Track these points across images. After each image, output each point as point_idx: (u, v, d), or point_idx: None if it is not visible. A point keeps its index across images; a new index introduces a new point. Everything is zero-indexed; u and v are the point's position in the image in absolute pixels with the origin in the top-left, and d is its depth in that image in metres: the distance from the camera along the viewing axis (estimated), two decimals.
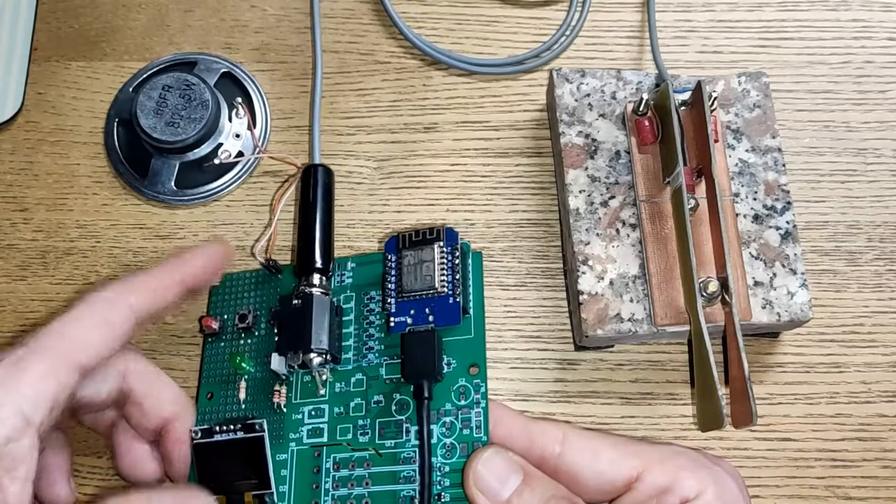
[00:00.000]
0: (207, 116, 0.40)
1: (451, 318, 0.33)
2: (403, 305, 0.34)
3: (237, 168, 0.41)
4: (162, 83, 0.40)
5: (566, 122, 0.39)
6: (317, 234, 0.36)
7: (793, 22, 0.44)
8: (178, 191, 0.41)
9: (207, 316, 0.37)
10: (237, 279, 0.38)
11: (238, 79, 0.43)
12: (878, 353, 0.39)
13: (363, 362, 0.34)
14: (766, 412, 0.38)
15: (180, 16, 0.45)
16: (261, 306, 0.36)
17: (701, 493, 0.29)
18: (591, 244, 0.37)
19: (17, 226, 0.41)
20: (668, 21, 0.44)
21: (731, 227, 0.36)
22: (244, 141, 0.41)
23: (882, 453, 0.37)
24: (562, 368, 0.39)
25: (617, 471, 0.30)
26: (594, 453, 0.30)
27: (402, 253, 0.35)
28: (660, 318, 0.35)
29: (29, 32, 0.44)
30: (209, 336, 0.37)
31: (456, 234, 0.35)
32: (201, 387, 0.36)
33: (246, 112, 0.41)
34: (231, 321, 0.37)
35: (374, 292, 0.36)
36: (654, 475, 0.29)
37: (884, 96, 0.42)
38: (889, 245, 0.40)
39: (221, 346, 0.36)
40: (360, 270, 0.36)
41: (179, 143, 0.39)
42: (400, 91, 0.43)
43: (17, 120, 0.43)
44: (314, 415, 0.34)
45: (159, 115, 0.39)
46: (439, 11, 0.45)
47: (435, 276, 0.34)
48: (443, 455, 0.32)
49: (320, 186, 0.37)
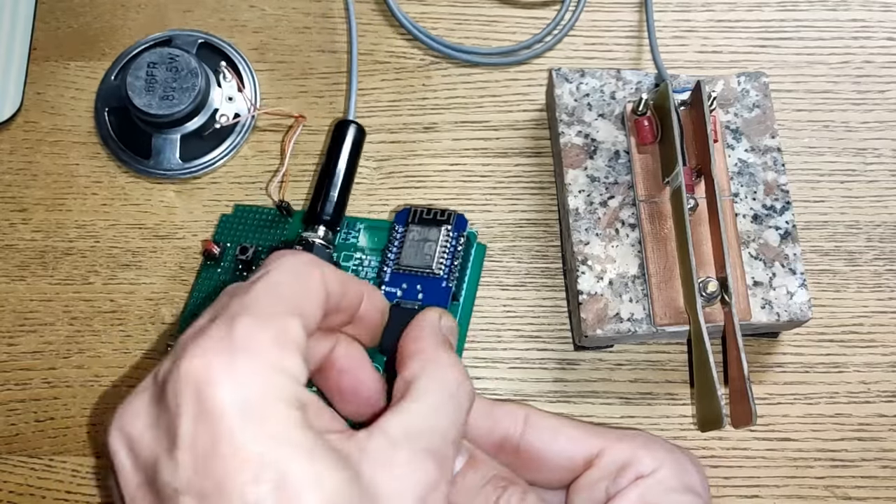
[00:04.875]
0: (199, 83, 0.40)
1: (440, 301, 0.34)
2: (397, 277, 0.35)
3: (237, 130, 0.42)
4: (146, 61, 0.40)
5: (565, 121, 0.39)
6: (334, 187, 0.37)
7: (792, 22, 0.44)
8: (184, 163, 0.41)
9: (211, 240, 0.38)
10: (249, 212, 0.38)
11: (216, 47, 0.44)
12: (878, 353, 0.39)
13: None
14: (765, 412, 0.38)
15: (179, 16, 0.45)
16: (264, 244, 0.37)
17: (656, 471, 0.29)
18: (590, 244, 0.37)
19: (16, 226, 0.41)
20: (668, 21, 0.44)
21: (731, 227, 0.36)
22: (237, 103, 0.42)
23: (881, 453, 0.37)
24: (561, 368, 0.39)
25: (576, 448, 0.30)
26: (554, 432, 0.30)
27: (410, 227, 0.35)
28: (659, 317, 0.35)
29: (28, 32, 0.44)
30: (208, 260, 0.38)
31: (466, 223, 0.35)
32: (188, 306, 0.37)
33: (233, 75, 0.42)
34: (232, 251, 0.37)
35: (375, 258, 0.36)
36: (613, 453, 0.29)
37: (883, 96, 0.42)
38: (888, 245, 0.40)
39: (217, 273, 0.37)
40: (369, 234, 0.37)
41: (178, 114, 0.40)
42: (399, 91, 0.43)
43: (16, 120, 0.43)
44: None
45: (151, 91, 0.40)
46: (439, 11, 0.45)
47: (435, 256, 0.34)
48: None
49: (350, 143, 0.38)
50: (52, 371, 0.39)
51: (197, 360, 0.23)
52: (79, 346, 0.39)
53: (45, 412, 0.39)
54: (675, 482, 0.29)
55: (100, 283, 0.40)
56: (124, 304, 0.40)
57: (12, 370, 0.39)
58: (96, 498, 0.37)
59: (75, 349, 0.39)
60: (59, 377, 0.39)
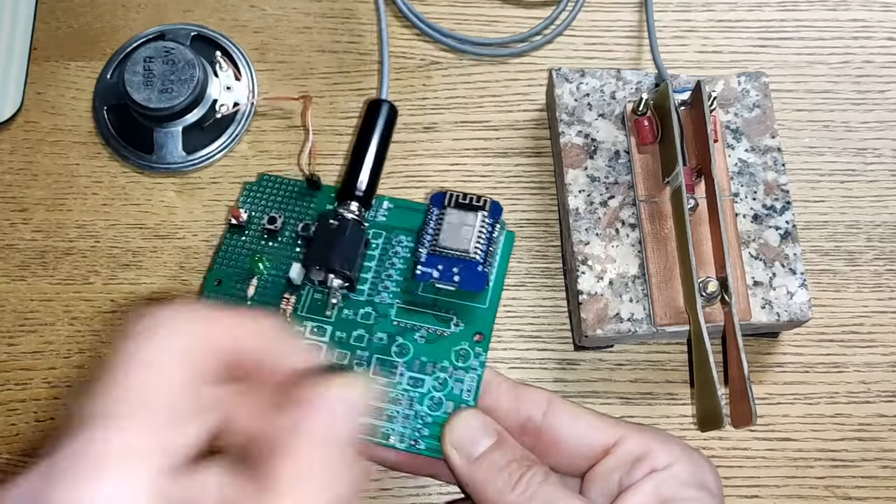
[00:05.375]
0: (197, 74, 0.40)
1: (476, 284, 0.34)
2: (433, 259, 0.35)
3: (237, 119, 0.42)
4: (143, 56, 0.40)
5: (566, 121, 0.39)
6: (368, 164, 0.37)
7: (792, 22, 0.44)
8: (187, 156, 0.41)
9: (237, 207, 0.37)
10: (276, 182, 0.38)
11: (209, 38, 0.44)
12: (878, 353, 0.39)
13: (376, 298, 0.35)
14: (765, 412, 0.38)
15: (179, 15, 0.45)
16: (290, 215, 0.37)
17: (670, 465, 0.29)
18: (590, 244, 0.37)
19: (17, 226, 0.41)
20: (668, 21, 0.44)
21: (731, 227, 0.36)
22: (235, 92, 0.42)
23: (881, 453, 0.37)
24: (561, 368, 0.39)
25: (595, 435, 0.31)
26: (575, 418, 0.31)
27: (447, 210, 0.35)
28: (659, 317, 0.35)
29: (28, 32, 0.44)
30: (233, 227, 0.37)
31: (500, 210, 0.35)
32: (211, 271, 0.36)
33: (228, 64, 0.42)
34: (259, 219, 0.37)
35: (404, 237, 0.36)
36: (630, 444, 0.30)
37: (883, 96, 0.42)
38: (888, 245, 0.40)
39: (242, 241, 0.37)
40: (395, 213, 0.37)
41: (178, 106, 0.40)
42: (399, 91, 0.43)
43: (17, 120, 0.43)
44: (315, 332, 0.34)
45: (150, 85, 0.40)
46: (439, 11, 0.45)
47: (472, 240, 0.34)
48: (428, 406, 0.33)
49: (384, 122, 0.38)
50: (52, 371, 0.39)
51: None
52: (79, 346, 0.39)
53: (45, 412, 0.39)
54: (690, 477, 0.29)
55: (100, 283, 0.40)
56: (125, 305, 0.40)
57: (12, 370, 0.39)
58: None
59: (75, 349, 0.39)
60: (59, 377, 0.39)
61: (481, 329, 0.34)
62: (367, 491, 0.37)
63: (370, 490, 0.37)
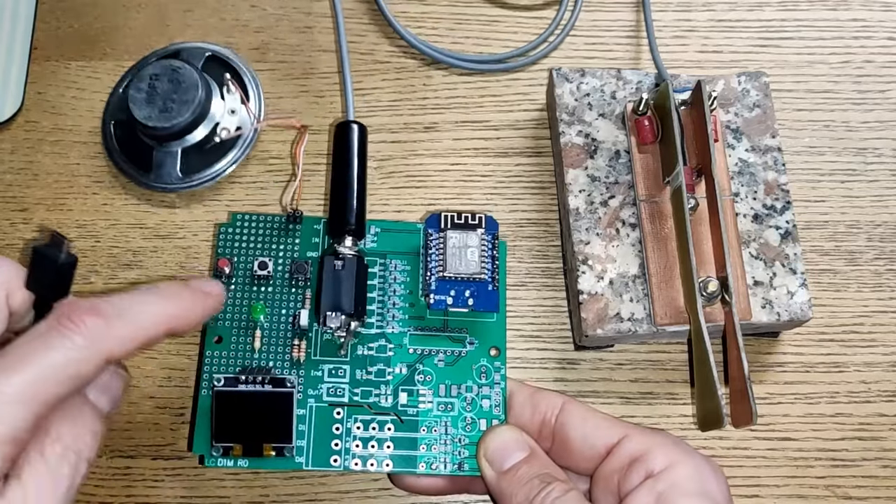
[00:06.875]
0: (199, 96, 0.40)
1: (491, 305, 0.35)
2: (443, 284, 0.35)
3: (239, 143, 0.41)
4: (149, 73, 0.40)
5: (566, 121, 0.39)
6: (353, 193, 0.36)
7: (793, 21, 0.44)
8: (184, 177, 0.41)
9: (222, 257, 0.36)
10: (251, 220, 0.37)
11: (223, 59, 0.43)
12: (878, 353, 0.39)
13: (387, 329, 0.35)
14: (765, 412, 0.38)
15: (180, 15, 0.45)
16: (276, 254, 0.36)
17: (667, 470, 0.29)
18: (590, 244, 0.37)
19: (17, 226, 0.41)
20: (668, 20, 0.44)
21: (731, 227, 0.36)
22: (240, 116, 0.42)
23: (882, 453, 0.37)
24: (562, 368, 0.39)
25: (598, 435, 0.32)
26: (584, 419, 0.32)
27: (448, 234, 0.35)
28: (660, 317, 0.35)
29: (29, 32, 0.44)
30: (220, 279, 0.36)
31: (496, 224, 0.36)
32: (208, 329, 0.35)
33: (236, 87, 0.41)
34: (245, 266, 0.36)
35: (399, 261, 0.36)
36: (629, 444, 0.31)
37: (883, 96, 0.42)
38: (889, 245, 0.40)
39: (231, 289, 0.36)
40: (385, 238, 0.37)
41: (176, 126, 0.39)
42: (400, 91, 0.43)
43: (17, 119, 0.43)
44: (334, 374, 0.35)
45: (151, 104, 0.39)
46: (439, 11, 0.45)
47: (478, 262, 0.35)
48: (462, 428, 0.34)
49: (356, 145, 0.37)
50: None
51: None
52: None
53: None
54: (691, 486, 0.29)
55: (100, 283, 0.40)
56: None
57: None
58: (96, 497, 0.37)
59: None
60: None
61: (496, 343, 0.35)
62: (365, 491, 0.37)
63: (370, 490, 0.37)
